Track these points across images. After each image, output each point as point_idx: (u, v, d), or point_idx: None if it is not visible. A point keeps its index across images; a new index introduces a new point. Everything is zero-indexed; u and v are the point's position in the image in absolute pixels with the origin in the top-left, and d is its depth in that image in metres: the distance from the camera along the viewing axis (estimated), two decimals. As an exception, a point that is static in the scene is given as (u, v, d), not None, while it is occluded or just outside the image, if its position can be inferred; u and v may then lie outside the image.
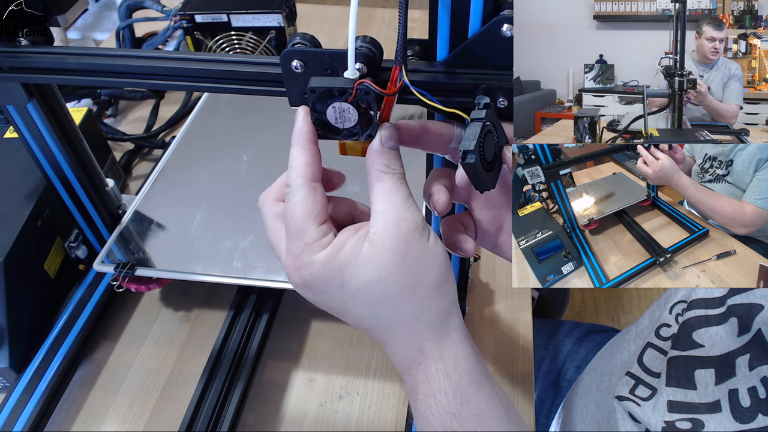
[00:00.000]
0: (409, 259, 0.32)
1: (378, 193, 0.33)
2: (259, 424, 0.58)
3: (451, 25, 0.35)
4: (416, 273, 0.33)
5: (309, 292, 0.34)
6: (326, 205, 0.34)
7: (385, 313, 0.33)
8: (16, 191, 0.62)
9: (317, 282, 0.33)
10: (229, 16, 0.86)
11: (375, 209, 0.33)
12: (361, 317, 0.34)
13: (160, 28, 0.92)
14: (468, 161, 0.32)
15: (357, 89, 0.33)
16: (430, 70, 0.37)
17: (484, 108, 0.34)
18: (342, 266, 0.32)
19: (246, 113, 0.83)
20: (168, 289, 0.69)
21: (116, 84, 0.45)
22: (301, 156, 0.34)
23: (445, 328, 0.34)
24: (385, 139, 0.34)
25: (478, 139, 0.32)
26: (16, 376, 0.59)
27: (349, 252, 0.32)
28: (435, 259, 0.33)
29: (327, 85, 0.34)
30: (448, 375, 0.33)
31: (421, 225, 0.33)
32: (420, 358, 0.33)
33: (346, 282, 0.32)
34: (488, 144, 0.34)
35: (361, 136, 0.35)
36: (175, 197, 0.70)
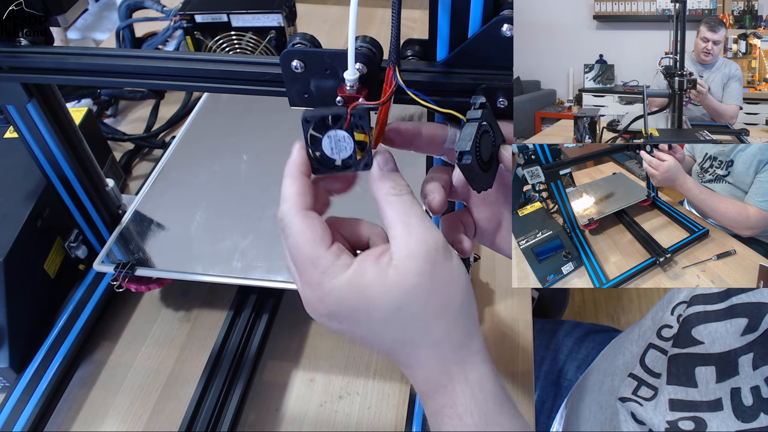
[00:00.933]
0: (435, 281, 0.32)
1: (392, 218, 0.32)
2: (259, 424, 0.58)
3: (451, 25, 0.35)
4: (443, 295, 0.32)
5: (335, 321, 0.33)
6: (327, 228, 0.33)
7: (412, 337, 0.33)
8: (16, 191, 0.62)
9: (342, 309, 0.32)
10: (229, 16, 0.86)
11: (393, 234, 0.32)
12: (387, 342, 0.33)
13: (160, 28, 0.92)
14: (464, 162, 0.32)
15: (351, 114, 0.33)
16: (430, 70, 0.37)
17: (480, 108, 0.34)
18: (367, 293, 0.32)
19: (246, 113, 0.83)
20: (168, 289, 0.69)
21: (116, 84, 0.45)
22: (292, 186, 0.33)
23: (469, 349, 0.34)
24: (383, 164, 0.34)
25: (474, 139, 0.32)
26: (16, 376, 0.58)
27: (373, 278, 0.32)
28: (459, 279, 0.33)
29: (321, 113, 0.33)
30: (473, 397, 0.33)
31: (443, 245, 0.32)
32: (445, 381, 0.33)
33: (372, 310, 0.32)
34: (485, 144, 0.33)
35: (359, 167, 0.35)
36: (175, 197, 0.70)
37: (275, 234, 0.64)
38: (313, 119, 0.33)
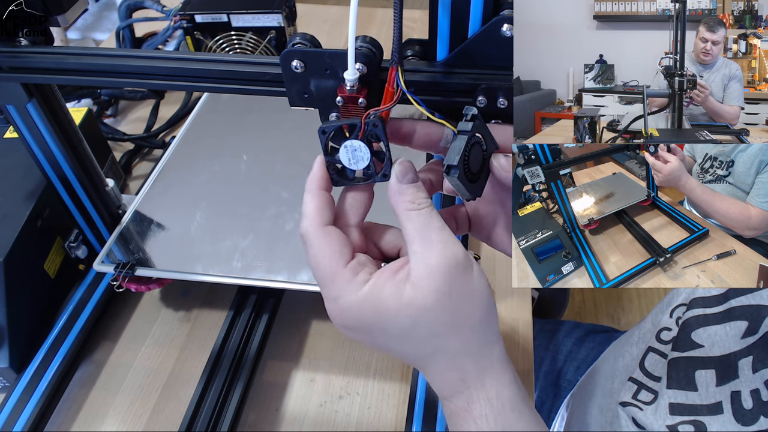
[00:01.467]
0: (453, 298, 0.32)
1: (412, 232, 0.32)
2: (259, 424, 0.58)
3: (451, 25, 0.35)
4: (461, 311, 0.32)
5: (354, 333, 0.34)
6: (347, 244, 0.34)
7: (429, 350, 0.33)
8: (16, 191, 0.62)
9: (360, 326, 0.33)
10: (229, 16, 0.86)
11: (413, 250, 0.32)
12: (404, 354, 0.34)
13: (160, 28, 0.92)
14: (451, 176, 0.32)
15: (365, 123, 0.33)
16: (430, 71, 0.37)
17: (472, 120, 0.34)
18: (382, 310, 0.32)
19: (246, 113, 0.83)
20: (168, 289, 0.69)
21: (116, 84, 0.45)
22: (311, 202, 0.34)
23: (488, 358, 0.33)
24: (401, 175, 0.33)
25: (462, 153, 0.32)
26: (16, 376, 0.58)
27: (389, 297, 0.32)
28: (480, 294, 0.33)
29: (336, 123, 0.33)
30: (489, 402, 0.33)
31: (463, 259, 0.32)
32: (462, 388, 0.33)
33: (389, 327, 0.32)
34: (474, 155, 0.33)
35: (377, 177, 0.35)
36: (175, 197, 0.70)
37: (275, 234, 0.64)
38: (330, 130, 0.33)
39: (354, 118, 0.33)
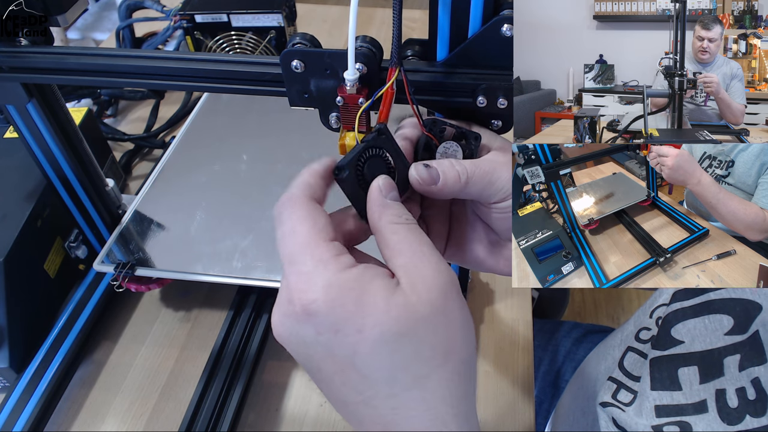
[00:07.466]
0: (447, 319, 0.27)
1: (399, 245, 0.28)
2: (259, 424, 0.58)
3: (451, 25, 0.35)
4: (452, 338, 0.27)
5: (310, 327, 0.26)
6: (331, 223, 0.29)
7: (405, 382, 0.26)
8: (16, 191, 0.62)
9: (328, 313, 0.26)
10: (229, 16, 0.86)
11: (400, 263, 0.28)
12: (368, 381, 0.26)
13: (160, 28, 0.92)
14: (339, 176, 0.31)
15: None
16: (430, 71, 0.37)
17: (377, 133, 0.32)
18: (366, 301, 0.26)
19: (246, 113, 0.83)
20: (168, 289, 0.69)
21: (116, 84, 0.45)
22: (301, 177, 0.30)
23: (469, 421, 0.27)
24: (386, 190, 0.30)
25: (354, 156, 0.31)
26: (16, 376, 0.58)
27: (379, 289, 0.26)
28: (469, 326, 0.28)
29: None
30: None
31: (456, 281, 0.28)
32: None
33: (368, 326, 0.25)
34: (373, 167, 0.32)
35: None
36: (175, 197, 0.70)
37: (275, 234, 0.64)
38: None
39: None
